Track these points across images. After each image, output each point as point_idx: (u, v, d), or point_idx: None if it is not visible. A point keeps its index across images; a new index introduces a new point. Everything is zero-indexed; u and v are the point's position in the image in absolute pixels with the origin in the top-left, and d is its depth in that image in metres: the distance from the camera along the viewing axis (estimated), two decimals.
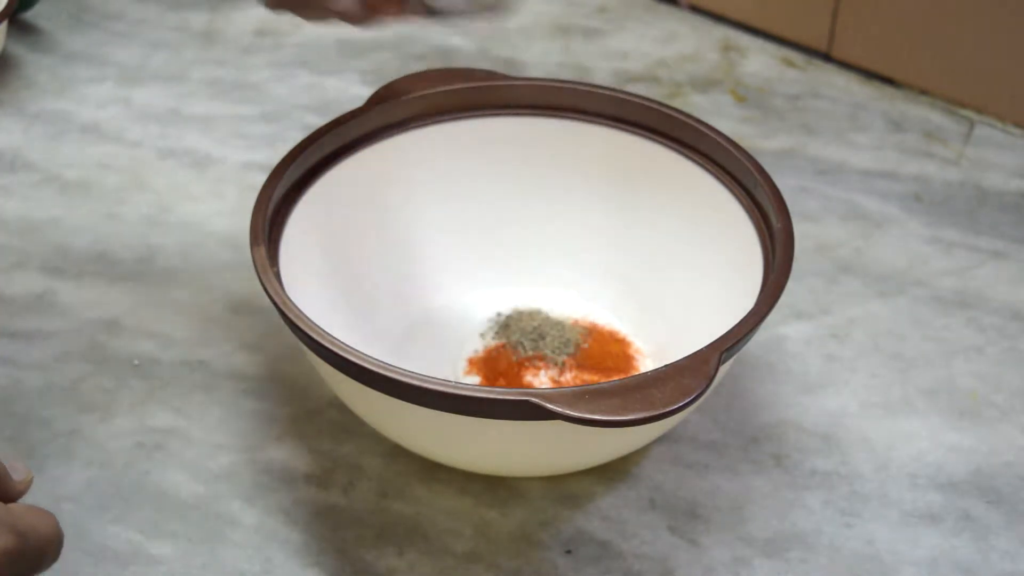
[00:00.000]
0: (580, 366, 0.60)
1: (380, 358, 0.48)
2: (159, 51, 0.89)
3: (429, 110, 0.62)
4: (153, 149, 0.79)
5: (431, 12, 0.52)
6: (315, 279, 0.57)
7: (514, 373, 0.60)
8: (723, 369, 0.49)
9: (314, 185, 0.59)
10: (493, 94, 0.63)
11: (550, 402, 0.45)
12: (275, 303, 0.50)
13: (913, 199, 0.75)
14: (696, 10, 0.94)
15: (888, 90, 0.85)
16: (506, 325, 0.63)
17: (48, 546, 0.42)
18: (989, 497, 0.56)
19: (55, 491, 0.56)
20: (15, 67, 0.86)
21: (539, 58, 0.88)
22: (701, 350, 0.47)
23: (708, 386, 0.46)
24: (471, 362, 0.61)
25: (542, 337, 0.61)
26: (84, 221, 0.72)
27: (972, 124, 0.82)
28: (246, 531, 0.54)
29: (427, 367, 0.50)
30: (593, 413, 0.44)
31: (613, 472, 0.57)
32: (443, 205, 0.65)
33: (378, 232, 0.63)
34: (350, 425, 0.59)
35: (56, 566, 0.52)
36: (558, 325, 0.62)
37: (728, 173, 0.59)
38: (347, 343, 0.48)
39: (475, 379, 0.60)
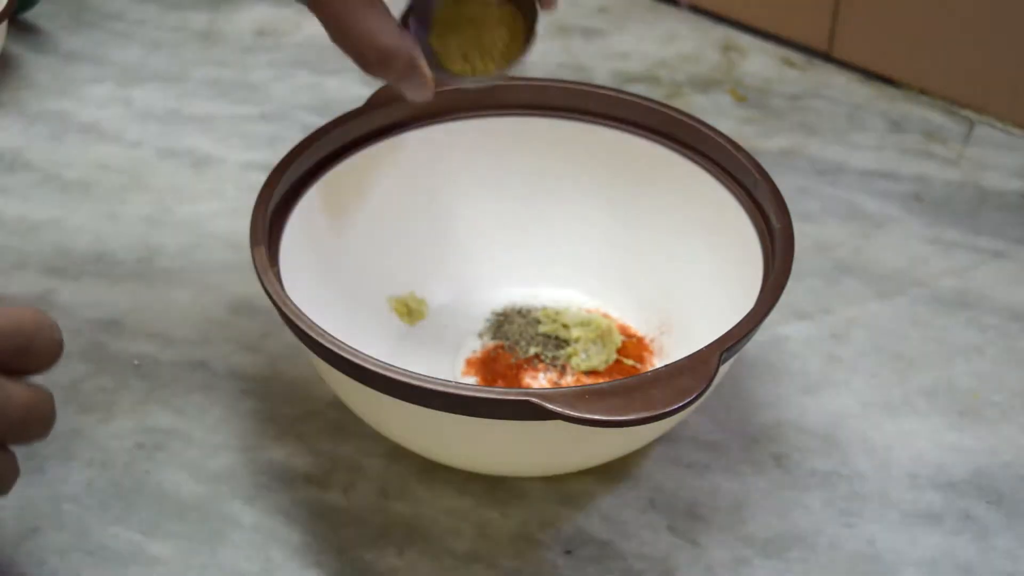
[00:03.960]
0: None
1: (380, 358, 0.48)
2: (159, 51, 0.89)
3: (429, 110, 0.62)
4: (153, 149, 0.79)
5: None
6: (315, 279, 0.57)
7: (512, 374, 0.60)
8: (723, 369, 0.49)
9: (314, 185, 0.59)
10: (493, 94, 0.63)
11: (550, 402, 0.45)
12: (275, 303, 0.50)
13: (913, 199, 0.75)
14: (696, 10, 0.94)
15: (888, 90, 0.85)
16: (504, 325, 0.63)
17: (29, 415, 0.41)
18: (989, 497, 0.56)
19: (55, 491, 0.56)
20: (15, 67, 0.86)
21: (539, 58, 0.88)
22: (701, 350, 0.47)
23: (708, 386, 0.46)
24: (469, 363, 0.61)
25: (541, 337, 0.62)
26: (84, 221, 0.72)
27: (972, 124, 0.82)
28: (246, 531, 0.54)
29: (426, 367, 0.50)
30: (593, 413, 0.44)
31: (613, 472, 0.57)
32: (442, 205, 0.65)
33: (378, 231, 0.63)
34: (350, 425, 0.59)
35: (57, 565, 0.53)
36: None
37: (728, 173, 0.59)
38: (347, 343, 0.48)
39: (473, 380, 0.60)
